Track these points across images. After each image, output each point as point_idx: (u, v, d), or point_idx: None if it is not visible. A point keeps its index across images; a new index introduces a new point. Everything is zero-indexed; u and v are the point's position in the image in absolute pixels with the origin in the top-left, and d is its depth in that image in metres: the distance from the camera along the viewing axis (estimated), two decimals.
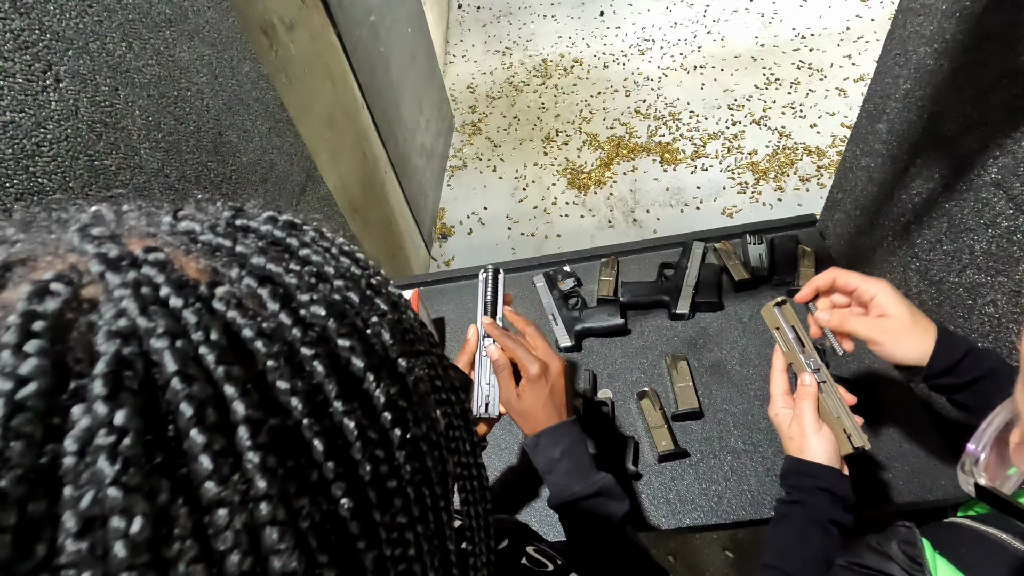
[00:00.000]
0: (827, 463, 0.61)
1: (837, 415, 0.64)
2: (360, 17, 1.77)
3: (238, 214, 0.23)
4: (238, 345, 0.18)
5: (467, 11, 4.00)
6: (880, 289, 0.62)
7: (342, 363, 0.20)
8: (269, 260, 0.20)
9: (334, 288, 0.21)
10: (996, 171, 0.75)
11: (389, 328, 0.22)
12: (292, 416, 0.18)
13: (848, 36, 3.04)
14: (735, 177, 2.49)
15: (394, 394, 0.21)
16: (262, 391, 0.17)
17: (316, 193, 1.16)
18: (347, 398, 0.19)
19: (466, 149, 2.96)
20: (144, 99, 0.69)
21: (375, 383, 0.20)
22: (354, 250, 0.25)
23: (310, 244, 0.23)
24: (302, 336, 0.19)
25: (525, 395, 0.66)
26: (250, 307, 0.19)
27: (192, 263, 0.20)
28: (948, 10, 0.78)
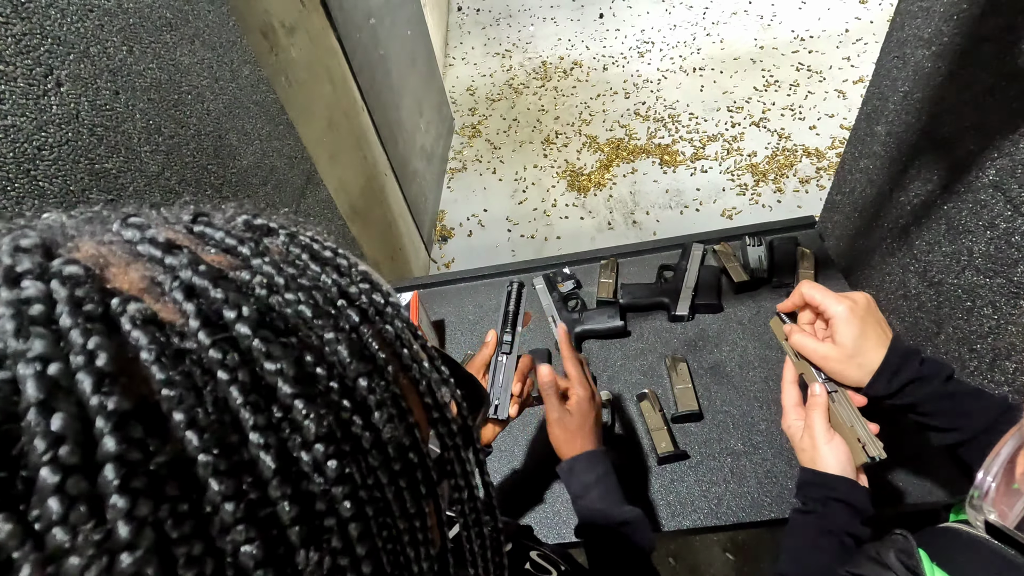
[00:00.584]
0: (840, 473, 0.60)
1: (850, 424, 0.63)
2: (360, 20, 1.78)
3: (197, 219, 0.22)
4: (133, 370, 0.16)
5: (467, 14, 4.01)
6: (837, 312, 0.61)
7: (268, 389, 0.18)
8: (201, 273, 0.19)
9: (284, 301, 0.20)
10: (994, 173, 0.75)
11: (349, 345, 0.20)
12: (187, 452, 0.16)
13: (847, 38, 3.05)
14: (734, 179, 2.49)
15: (340, 421, 0.19)
16: (152, 425, 0.16)
17: (316, 196, 1.16)
18: (268, 429, 0.17)
19: (466, 151, 2.96)
20: (145, 103, 0.69)
21: (305, 411, 0.18)
22: (334, 256, 0.24)
23: (269, 252, 0.21)
24: (220, 358, 0.17)
25: (573, 417, 0.71)
26: (172, 326, 0.17)
27: (128, 275, 0.18)
28: (946, 12, 0.78)
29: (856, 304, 0.61)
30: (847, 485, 0.59)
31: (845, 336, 0.60)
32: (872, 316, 0.61)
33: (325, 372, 0.19)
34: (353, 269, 0.24)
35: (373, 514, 0.20)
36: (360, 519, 0.19)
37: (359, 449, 0.20)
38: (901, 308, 0.98)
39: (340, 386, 0.20)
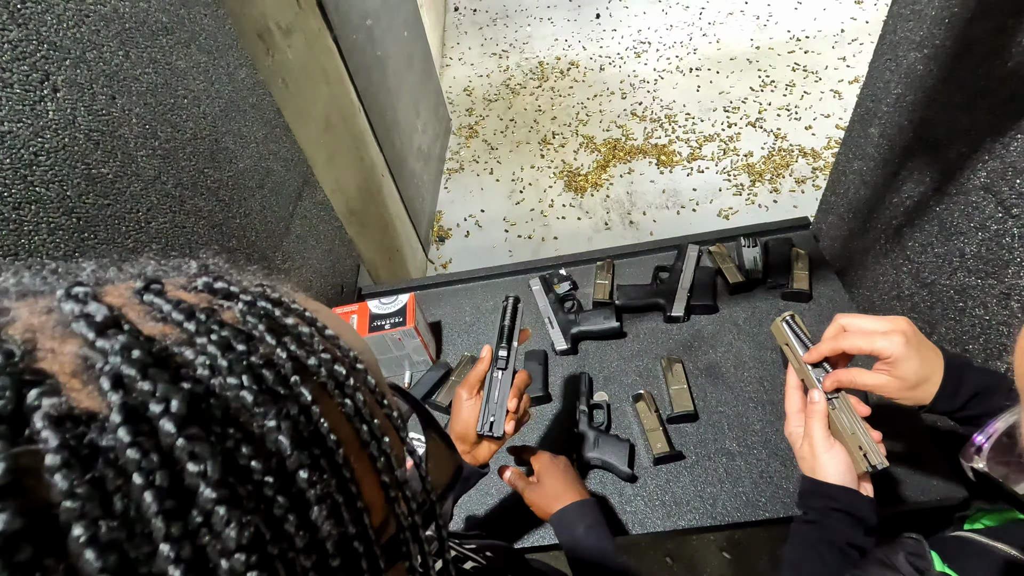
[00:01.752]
0: (840, 483, 0.59)
1: (852, 431, 0.61)
2: (356, 21, 1.78)
3: (149, 286, 0.21)
4: (35, 477, 0.15)
5: (463, 14, 4.01)
6: (895, 351, 0.57)
7: (187, 494, 0.16)
8: (131, 361, 0.17)
9: (224, 385, 0.18)
10: (985, 175, 0.76)
11: (291, 434, 0.19)
12: (81, 571, 0.14)
13: (842, 38, 3.06)
14: (731, 179, 2.50)
15: (270, 520, 0.18)
16: (46, 540, 0.14)
17: (313, 198, 1.16)
18: (183, 538, 0.16)
19: (463, 152, 2.96)
20: (141, 107, 0.69)
21: (227, 518, 0.16)
22: (297, 324, 0.22)
23: (217, 326, 0.20)
24: (138, 459, 0.16)
25: (542, 484, 0.74)
26: (91, 417, 0.16)
27: (63, 353, 0.17)
28: (937, 16, 0.79)
29: (906, 335, 0.57)
30: (848, 495, 0.59)
31: (907, 371, 0.57)
32: (921, 340, 0.59)
33: (260, 466, 0.18)
34: (316, 338, 0.23)
35: None
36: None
37: (289, 552, 0.18)
38: (895, 309, 0.99)
39: (276, 480, 0.18)
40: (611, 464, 0.91)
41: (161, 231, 0.71)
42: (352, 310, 1.07)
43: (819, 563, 0.57)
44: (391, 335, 1.04)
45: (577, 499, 0.73)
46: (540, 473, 0.77)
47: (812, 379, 0.64)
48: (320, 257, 1.17)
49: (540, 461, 0.79)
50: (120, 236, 0.64)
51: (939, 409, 0.59)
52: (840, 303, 1.08)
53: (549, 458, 0.79)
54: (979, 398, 0.57)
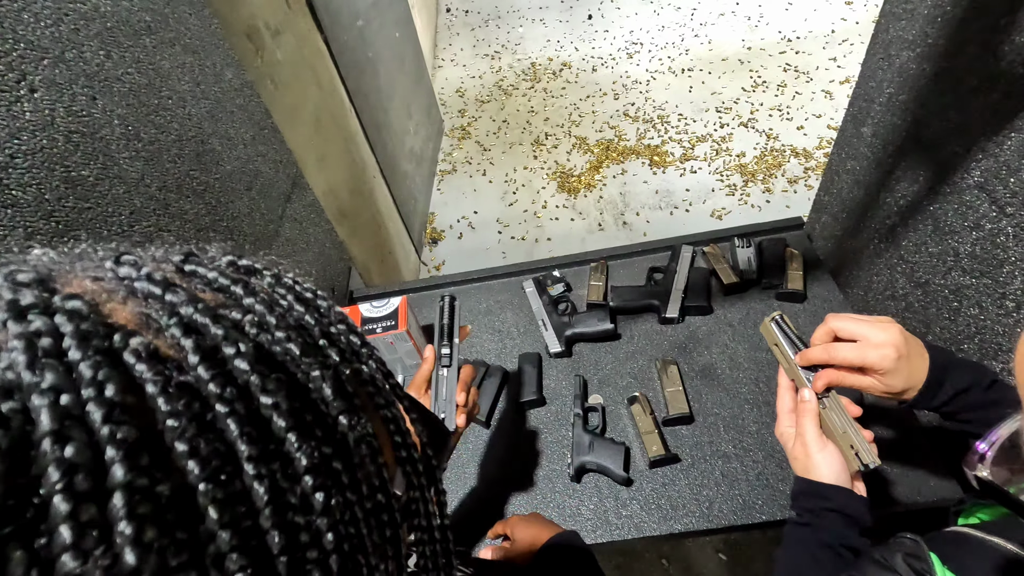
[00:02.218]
0: (834, 482, 0.58)
1: (844, 430, 0.61)
2: (347, 21, 1.76)
3: (188, 259, 0.23)
4: (138, 401, 0.17)
5: (455, 15, 4.00)
6: (885, 366, 0.57)
7: (262, 422, 0.19)
8: (199, 310, 0.19)
9: (274, 339, 0.21)
10: (979, 174, 0.75)
11: (332, 383, 0.21)
12: (187, 480, 0.16)
13: (833, 39, 3.07)
14: (724, 179, 2.50)
15: (322, 456, 0.20)
16: (156, 453, 0.16)
17: (303, 200, 1.15)
18: (261, 460, 0.18)
19: (455, 153, 2.95)
20: (123, 108, 0.67)
21: (298, 444, 0.19)
22: (315, 297, 0.25)
23: (258, 292, 0.22)
24: (219, 392, 0.18)
25: (515, 535, 0.75)
26: (170, 360, 0.18)
27: (125, 311, 0.19)
28: (930, 15, 0.79)
29: (898, 349, 0.57)
30: (842, 495, 0.58)
31: (895, 381, 0.57)
32: (912, 347, 0.58)
33: (312, 408, 0.20)
34: (332, 311, 0.25)
35: (349, 550, 0.20)
36: (340, 553, 0.20)
37: (340, 484, 0.20)
38: (889, 309, 0.98)
39: (324, 422, 0.21)
40: (606, 468, 0.90)
41: (145, 234, 0.69)
42: None
43: (813, 565, 0.57)
44: (383, 339, 1.02)
45: (554, 533, 0.73)
46: (513, 533, 0.77)
47: (802, 378, 0.64)
48: (311, 260, 1.15)
49: (509, 524, 0.79)
50: (102, 240, 0.62)
51: (919, 407, 0.60)
52: (834, 303, 1.08)
53: (517, 517, 0.79)
54: (959, 396, 0.58)
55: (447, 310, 0.80)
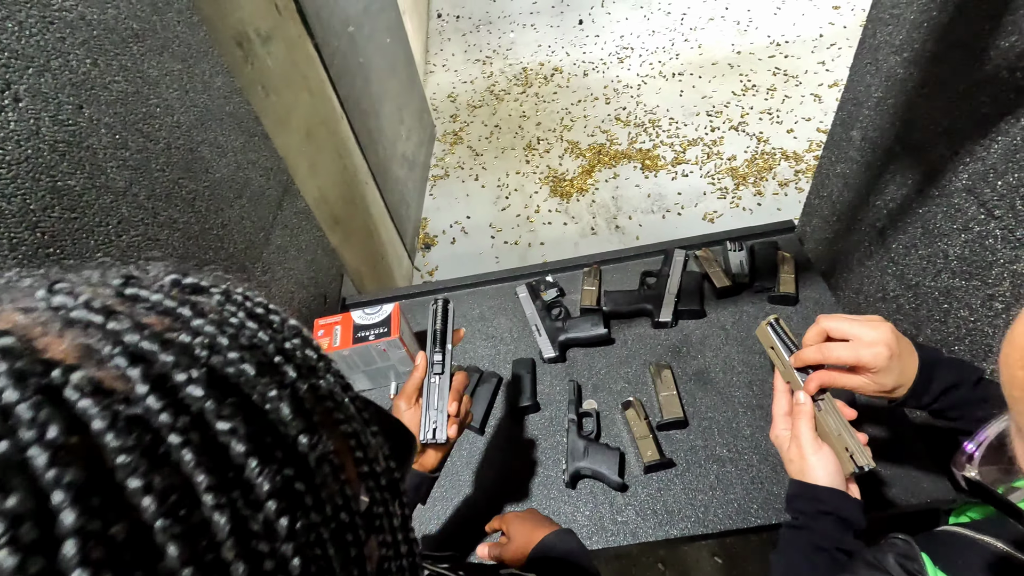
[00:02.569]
0: (829, 484, 0.58)
1: (838, 433, 0.61)
2: (338, 28, 1.76)
3: (128, 282, 0.21)
4: (84, 440, 0.16)
5: (447, 20, 4.00)
6: (878, 364, 0.57)
7: (219, 449, 0.18)
8: (144, 337, 0.18)
9: (226, 361, 0.20)
10: (967, 177, 0.76)
11: (290, 402, 0.21)
12: (143, 519, 0.16)
13: (821, 43, 3.10)
14: (715, 183, 2.51)
15: (284, 479, 0.19)
16: (107, 494, 0.15)
17: (294, 207, 1.14)
18: (220, 489, 0.17)
19: (448, 158, 2.95)
20: (111, 116, 0.67)
21: (258, 469, 0.18)
22: (267, 313, 0.24)
23: (207, 312, 0.21)
24: (171, 422, 0.17)
25: (511, 531, 0.74)
26: (115, 392, 0.17)
27: (62, 344, 0.18)
28: (916, 20, 0.79)
29: (890, 348, 0.57)
30: (837, 497, 0.58)
31: (887, 380, 0.58)
32: (903, 346, 0.59)
33: (270, 430, 0.20)
34: (285, 324, 0.24)
35: (316, 572, 0.20)
36: (315, 565, 0.19)
37: (304, 507, 0.20)
38: (880, 311, 0.99)
39: (284, 444, 0.20)
40: (601, 473, 0.90)
41: (133, 244, 0.69)
42: (336, 321, 1.05)
43: (808, 568, 0.57)
44: (376, 346, 1.02)
45: (549, 531, 0.72)
46: (508, 529, 0.76)
47: (797, 381, 0.64)
48: (302, 268, 1.15)
49: (505, 520, 0.78)
50: (88, 251, 0.62)
51: (908, 405, 0.60)
52: (826, 306, 1.08)
53: (514, 513, 0.78)
54: (947, 393, 0.59)
55: (440, 314, 0.76)
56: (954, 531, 0.50)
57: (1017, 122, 0.67)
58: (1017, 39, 0.65)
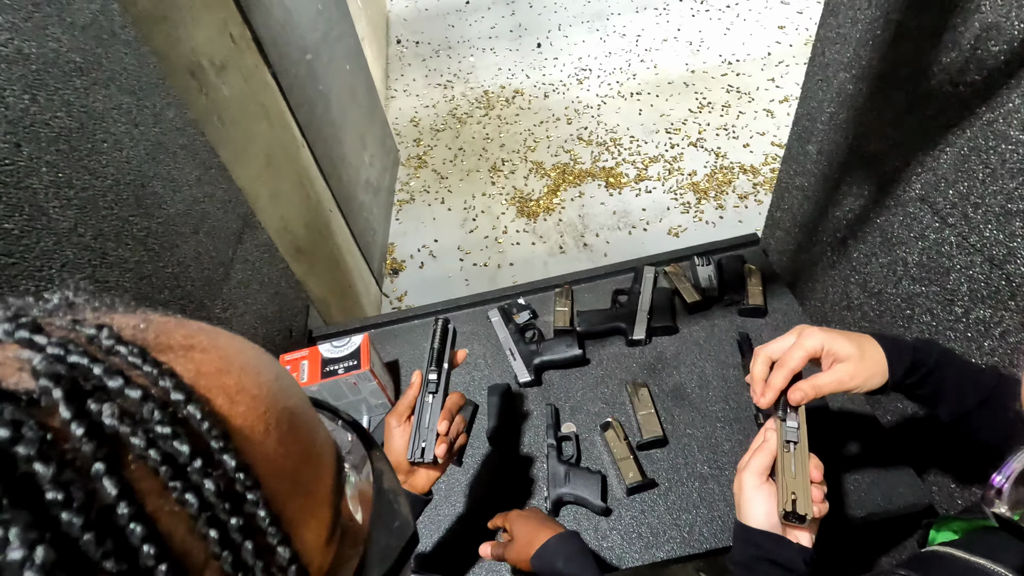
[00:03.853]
0: (764, 526, 0.54)
1: (794, 476, 0.56)
2: (296, 56, 1.74)
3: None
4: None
5: (406, 46, 4.02)
6: (819, 339, 0.58)
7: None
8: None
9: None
10: (920, 187, 0.79)
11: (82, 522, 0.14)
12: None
13: (770, 61, 3.23)
14: (678, 198, 2.56)
15: None
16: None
17: (255, 240, 1.10)
18: None
19: (413, 182, 2.93)
20: (52, 154, 0.63)
21: None
22: (127, 380, 0.18)
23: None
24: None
25: (515, 530, 0.73)
26: None
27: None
28: (862, 39, 0.83)
29: (814, 327, 0.59)
30: (771, 542, 0.54)
31: (845, 349, 0.57)
32: (841, 334, 0.59)
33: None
34: (149, 400, 0.17)
35: None
36: None
37: None
38: (846, 319, 1.01)
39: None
40: (584, 499, 0.88)
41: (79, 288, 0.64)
42: (302, 355, 1.01)
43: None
44: (346, 380, 0.98)
45: (552, 535, 0.70)
46: (511, 528, 0.74)
47: (777, 421, 0.60)
48: (265, 302, 1.11)
49: (509, 518, 0.76)
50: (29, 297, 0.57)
51: (897, 377, 0.57)
52: (794, 316, 1.10)
53: (517, 512, 0.77)
54: (923, 359, 0.58)
55: (439, 334, 0.75)
56: (948, 555, 0.49)
57: (963, 133, 0.70)
58: (957, 55, 0.68)
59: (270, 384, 0.21)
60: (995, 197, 0.67)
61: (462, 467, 0.98)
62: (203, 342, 0.21)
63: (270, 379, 0.22)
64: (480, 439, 1.01)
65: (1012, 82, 0.61)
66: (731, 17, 3.63)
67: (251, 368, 0.21)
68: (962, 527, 0.56)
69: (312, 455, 0.22)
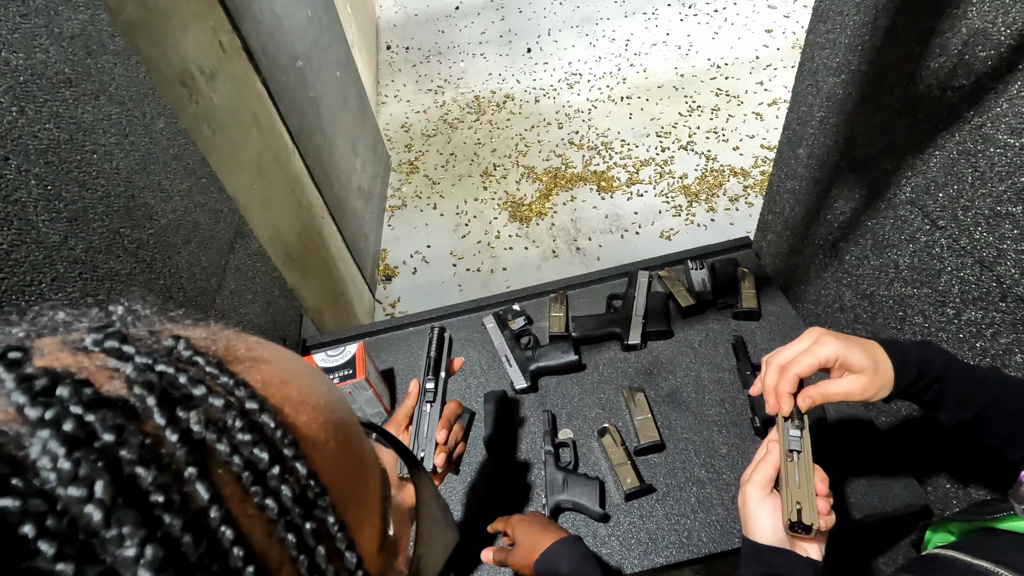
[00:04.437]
0: (773, 541, 0.54)
1: (799, 486, 0.55)
2: (286, 63, 1.73)
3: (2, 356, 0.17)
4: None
5: (396, 52, 4.02)
6: (835, 349, 0.56)
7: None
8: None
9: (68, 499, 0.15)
10: (910, 190, 0.79)
11: (155, 568, 0.15)
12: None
13: (758, 64, 3.26)
14: (669, 201, 2.58)
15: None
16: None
17: (247, 249, 1.09)
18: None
19: (404, 188, 2.93)
20: (41, 167, 0.62)
21: None
22: (209, 391, 0.18)
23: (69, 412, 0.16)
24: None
25: (519, 545, 0.72)
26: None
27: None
28: (851, 44, 0.84)
29: (830, 334, 0.57)
30: (784, 559, 0.53)
31: (858, 360, 0.56)
32: (843, 334, 0.58)
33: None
34: (233, 410, 0.18)
35: None
36: None
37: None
38: (839, 321, 1.02)
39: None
40: (582, 505, 0.88)
41: (72, 302, 0.63)
42: None
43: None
44: (341, 389, 0.97)
45: (555, 539, 0.70)
46: (513, 533, 0.74)
47: (781, 431, 0.59)
48: (258, 311, 1.10)
49: (511, 523, 0.76)
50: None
51: (903, 385, 0.57)
52: (788, 319, 1.11)
53: (519, 517, 0.77)
54: (927, 369, 0.56)
55: (435, 342, 0.75)
56: (952, 558, 0.49)
57: (952, 137, 0.70)
58: (945, 60, 0.69)
59: (326, 395, 0.22)
60: (984, 200, 0.68)
61: (459, 475, 0.97)
62: (264, 355, 0.22)
63: (324, 391, 0.23)
64: (477, 447, 1.00)
65: (1000, 87, 0.62)
66: (719, 21, 3.67)
67: (308, 380, 0.22)
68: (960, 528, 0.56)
69: (364, 464, 0.23)
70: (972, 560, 0.46)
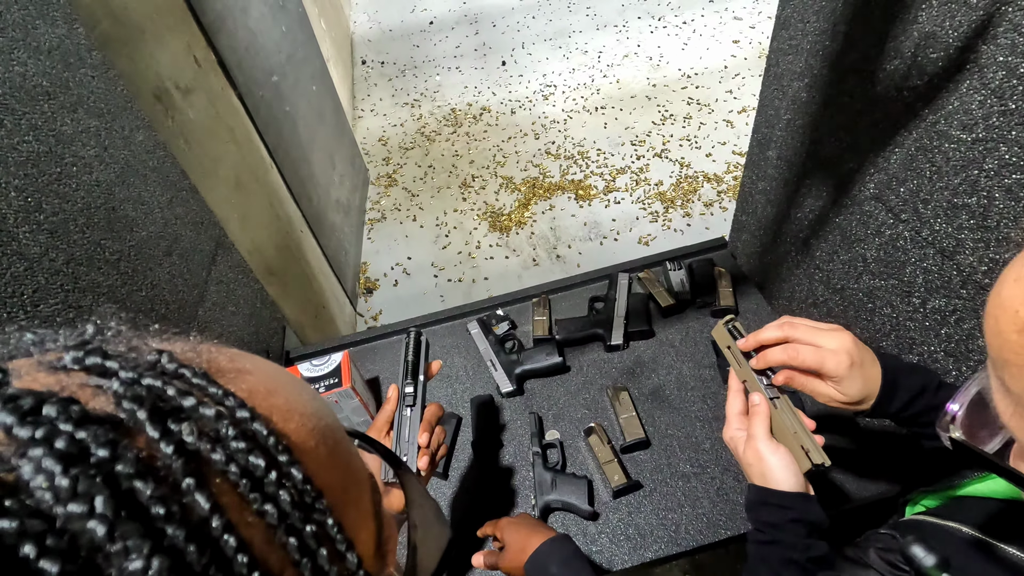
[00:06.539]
0: (792, 487, 0.57)
1: (794, 431, 0.60)
2: (262, 78, 1.73)
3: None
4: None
5: (371, 67, 4.04)
6: (840, 373, 0.58)
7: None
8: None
9: (67, 516, 0.15)
10: (874, 186, 0.83)
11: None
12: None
13: (727, 73, 3.36)
14: (646, 207, 2.62)
15: None
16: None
17: (228, 261, 1.09)
18: None
19: (383, 201, 2.93)
20: (21, 179, 0.62)
21: None
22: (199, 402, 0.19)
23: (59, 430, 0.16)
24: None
25: (506, 538, 0.74)
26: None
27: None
28: (813, 49, 0.88)
29: (852, 356, 0.58)
30: (801, 501, 0.57)
31: (852, 389, 0.58)
32: (864, 355, 0.59)
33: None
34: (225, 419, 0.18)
35: None
36: None
37: None
38: (812, 315, 1.05)
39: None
40: (572, 504, 0.89)
41: (53, 314, 0.63)
42: None
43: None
44: (327, 398, 0.97)
45: (544, 539, 0.71)
46: (502, 536, 0.75)
47: (755, 381, 0.64)
48: (241, 324, 1.09)
49: (499, 526, 0.77)
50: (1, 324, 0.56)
51: (876, 415, 0.60)
52: (764, 315, 1.14)
53: (507, 519, 0.77)
54: (914, 400, 0.59)
55: (412, 346, 0.75)
56: (919, 520, 0.52)
57: (910, 135, 0.74)
58: (900, 63, 0.73)
59: (311, 403, 0.23)
60: (942, 193, 0.72)
61: (448, 480, 0.98)
62: (247, 366, 0.22)
63: (309, 399, 0.23)
64: (465, 451, 1.01)
65: (951, 86, 0.66)
66: (688, 33, 3.77)
67: (293, 389, 0.22)
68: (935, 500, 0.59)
69: (354, 469, 0.24)
70: (937, 520, 0.49)
